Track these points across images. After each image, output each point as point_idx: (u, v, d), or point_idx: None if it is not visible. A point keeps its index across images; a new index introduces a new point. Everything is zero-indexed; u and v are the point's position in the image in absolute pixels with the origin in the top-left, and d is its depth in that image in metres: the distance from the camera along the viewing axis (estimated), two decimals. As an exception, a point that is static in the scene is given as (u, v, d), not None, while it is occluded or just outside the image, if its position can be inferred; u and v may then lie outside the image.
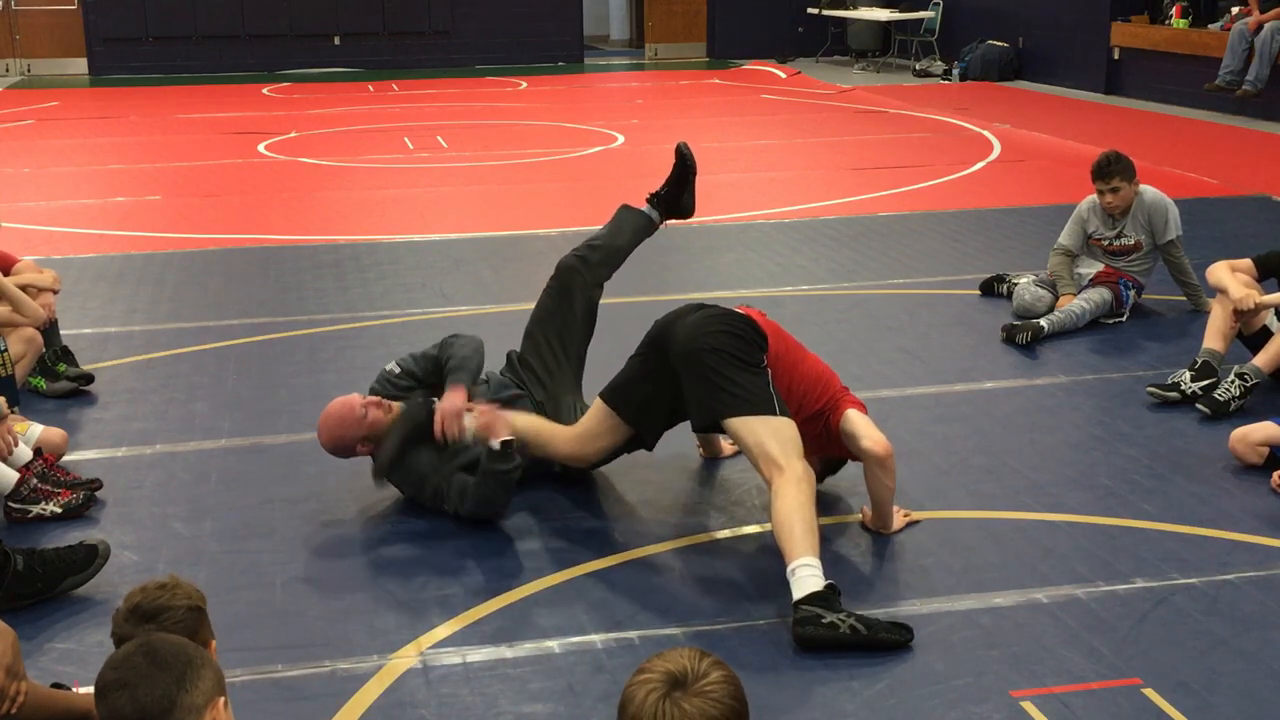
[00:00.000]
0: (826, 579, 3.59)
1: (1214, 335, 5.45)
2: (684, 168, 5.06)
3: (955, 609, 3.74)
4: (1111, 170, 6.47)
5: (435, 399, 4.40)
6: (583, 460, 4.38)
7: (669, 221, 5.11)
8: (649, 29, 23.10)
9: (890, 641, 3.52)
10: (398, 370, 4.59)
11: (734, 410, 3.85)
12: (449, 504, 4.34)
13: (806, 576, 3.56)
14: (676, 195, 5.09)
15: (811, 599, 3.53)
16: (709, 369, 3.91)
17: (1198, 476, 4.67)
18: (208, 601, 2.89)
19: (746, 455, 3.92)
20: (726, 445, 4.85)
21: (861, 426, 4.19)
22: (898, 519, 4.29)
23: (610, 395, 4.24)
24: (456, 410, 4.29)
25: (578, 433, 4.34)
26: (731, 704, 2.04)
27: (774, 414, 3.84)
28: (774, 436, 3.80)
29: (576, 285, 4.86)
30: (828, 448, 4.35)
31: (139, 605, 2.79)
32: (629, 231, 5.02)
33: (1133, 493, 4.54)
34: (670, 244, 8.51)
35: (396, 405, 4.45)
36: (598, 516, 4.40)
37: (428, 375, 4.55)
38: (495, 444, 4.19)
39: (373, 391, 4.57)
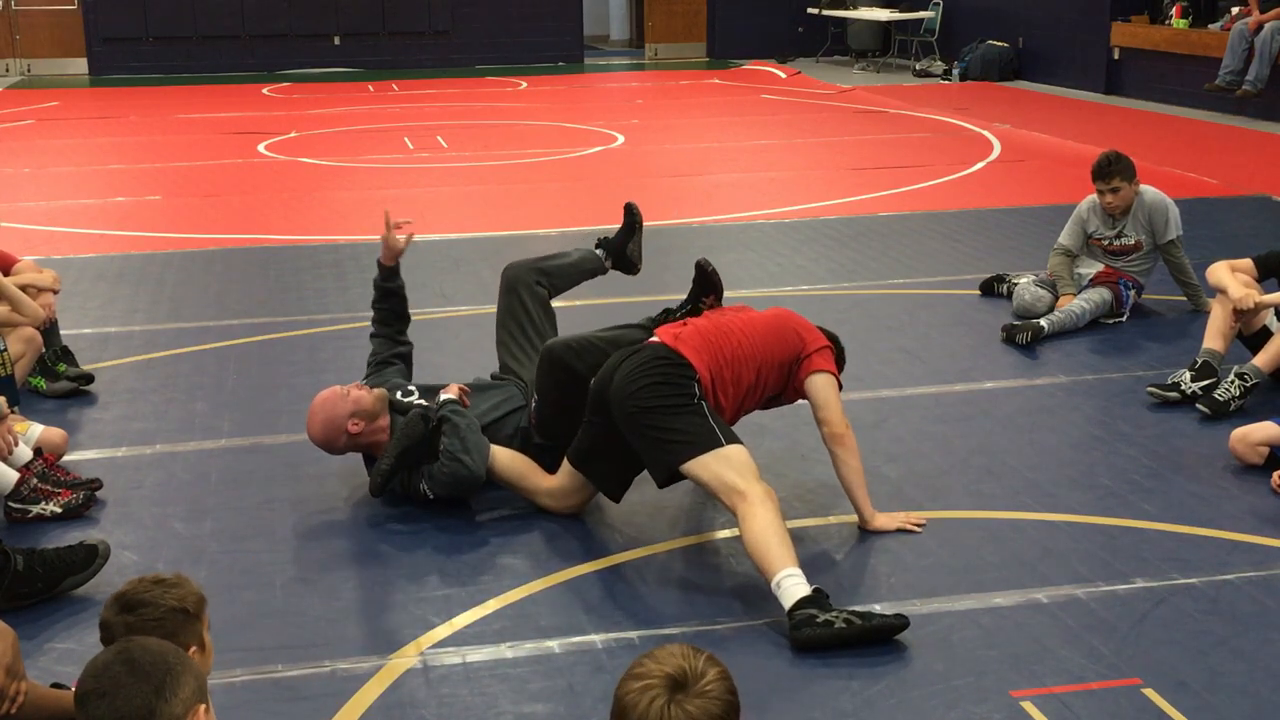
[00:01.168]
0: (814, 584, 3.61)
1: (1214, 335, 5.45)
2: (631, 221, 5.22)
3: (955, 609, 3.74)
4: (1112, 170, 6.47)
5: (429, 408, 4.45)
6: (560, 512, 4.40)
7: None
8: (649, 29, 23.09)
9: (889, 626, 3.55)
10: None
11: (683, 456, 3.89)
12: (423, 483, 4.38)
13: (792, 585, 3.61)
14: (623, 244, 5.21)
15: (803, 603, 3.57)
16: (648, 427, 3.96)
17: (1198, 476, 4.67)
18: (206, 605, 2.86)
19: (708, 492, 3.97)
20: None
21: (821, 396, 4.21)
22: (895, 521, 4.28)
23: (577, 460, 4.29)
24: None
25: (552, 488, 4.40)
26: (730, 699, 2.06)
27: (721, 445, 3.87)
28: (728, 467, 3.83)
29: (519, 282, 4.99)
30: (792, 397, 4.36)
31: (125, 594, 2.79)
32: (575, 257, 5.16)
33: (1133, 493, 4.54)
34: (670, 244, 8.50)
35: (379, 390, 4.56)
36: (598, 516, 4.40)
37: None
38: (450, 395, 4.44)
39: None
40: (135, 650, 2.25)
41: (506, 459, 4.45)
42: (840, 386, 4.32)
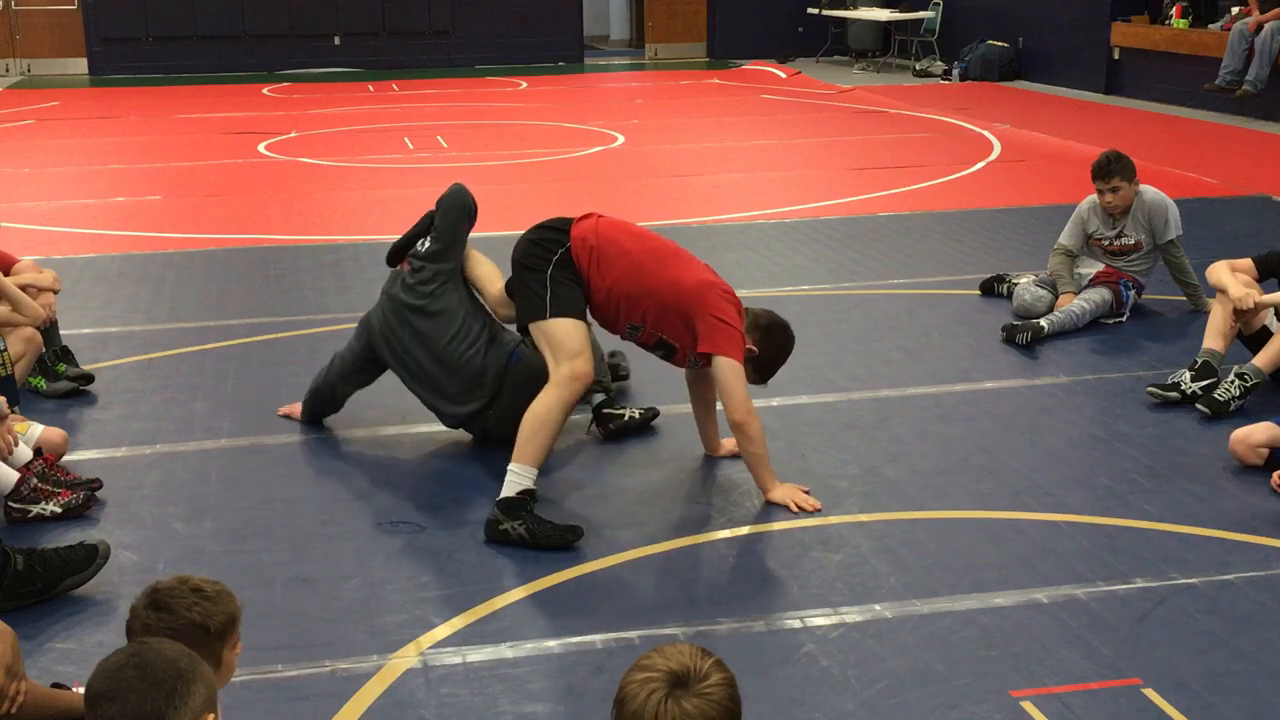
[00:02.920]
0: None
1: (1214, 335, 5.45)
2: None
3: (955, 609, 3.74)
4: (1112, 170, 6.47)
5: None
6: (501, 318, 4.85)
7: None
8: (649, 29, 23.10)
9: (555, 543, 4.06)
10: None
11: (522, 318, 4.42)
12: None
13: (510, 481, 4.16)
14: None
15: (500, 503, 4.13)
16: (514, 280, 4.49)
17: (1198, 476, 4.67)
18: (237, 625, 2.77)
19: None
20: (727, 444, 4.87)
21: (723, 384, 4.35)
22: (788, 497, 4.38)
23: (507, 285, 4.73)
24: None
25: (497, 296, 4.80)
26: (729, 706, 2.05)
27: (545, 318, 4.29)
28: (546, 341, 4.30)
29: None
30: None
31: (159, 591, 2.72)
32: None
33: (1133, 493, 4.54)
34: (670, 244, 8.50)
35: None
36: (598, 516, 4.40)
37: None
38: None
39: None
40: (149, 654, 2.24)
41: (483, 258, 4.95)
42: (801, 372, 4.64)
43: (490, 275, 4.89)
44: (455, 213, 4.95)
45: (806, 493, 4.45)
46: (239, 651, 2.81)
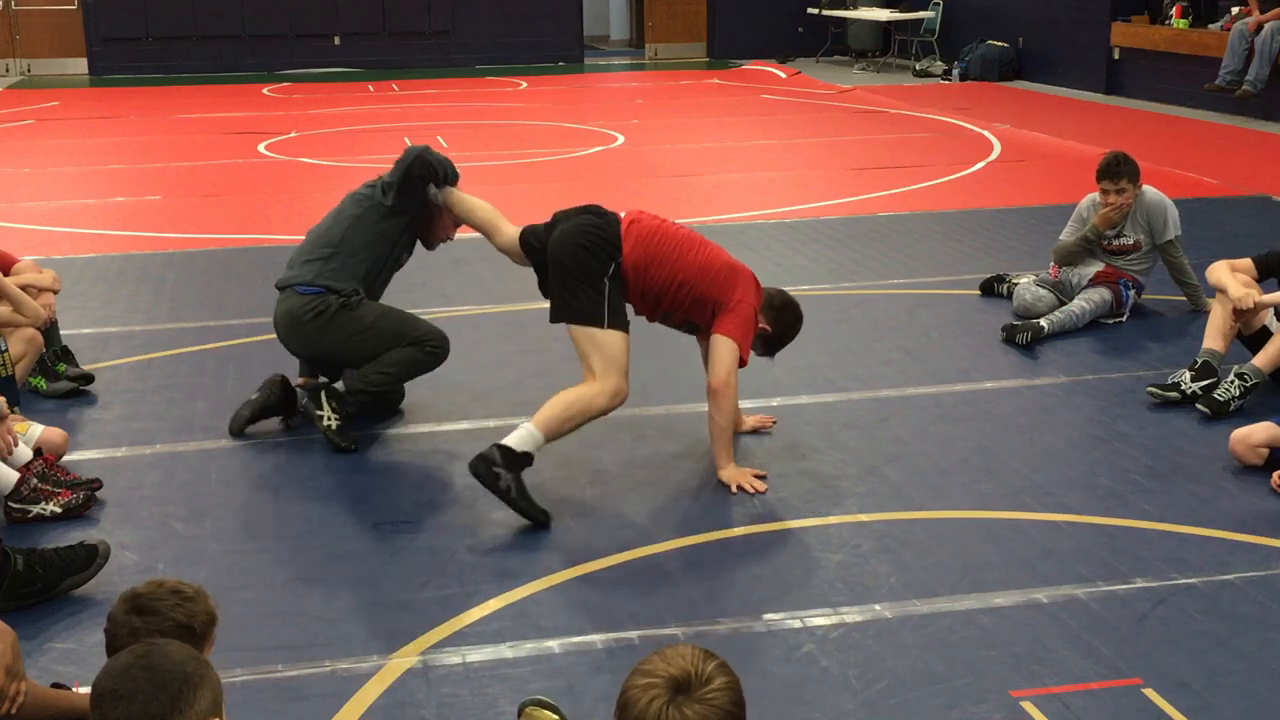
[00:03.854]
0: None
1: (1214, 335, 5.45)
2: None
3: (955, 609, 3.74)
4: (1120, 170, 6.46)
5: None
6: (508, 256, 5.00)
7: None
8: (649, 29, 23.10)
9: (528, 515, 4.23)
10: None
11: (570, 318, 4.51)
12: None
13: (517, 434, 4.28)
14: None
15: (504, 450, 4.24)
16: (561, 280, 4.55)
17: (1198, 476, 4.67)
18: (215, 624, 2.85)
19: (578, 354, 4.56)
20: (749, 420, 5.09)
21: (715, 354, 4.60)
22: (739, 478, 4.54)
23: (525, 244, 4.81)
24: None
25: (505, 245, 4.95)
26: (732, 710, 2.02)
27: (602, 327, 4.45)
28: (595, 348, 4.44)
29: None
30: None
31: (139, 596, 2.77)
32: None
33: (1133, 493, 4.54)
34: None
35: None
36: (598, 516, 4.40)
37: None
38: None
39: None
40: (157, 656, 2.25)
41: (480, 202, 5.13)
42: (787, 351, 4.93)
43: (491, 220, 5.06)
44: (402, 160, 5.43)
45: (761, 477, 4.60)
46: (213, 649, 2.83)
